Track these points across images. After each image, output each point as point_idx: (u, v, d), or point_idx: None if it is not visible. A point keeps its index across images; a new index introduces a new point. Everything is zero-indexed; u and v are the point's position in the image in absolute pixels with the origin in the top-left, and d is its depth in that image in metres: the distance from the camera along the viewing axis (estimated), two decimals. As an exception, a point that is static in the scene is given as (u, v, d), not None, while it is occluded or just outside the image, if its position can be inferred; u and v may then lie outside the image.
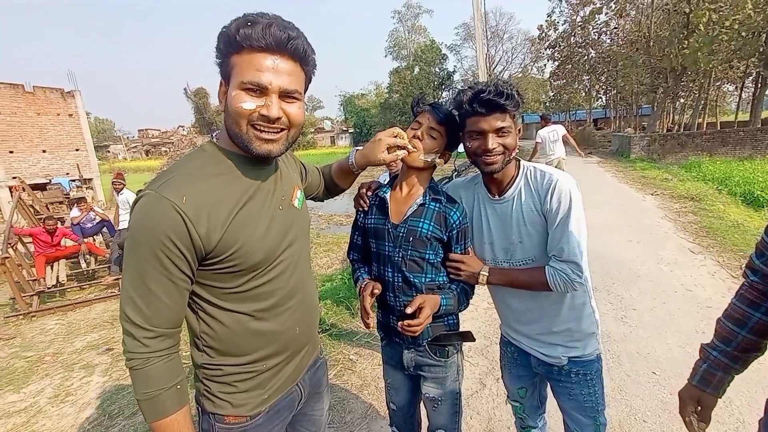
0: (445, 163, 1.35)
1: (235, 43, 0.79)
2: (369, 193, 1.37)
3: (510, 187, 1.23)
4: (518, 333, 1.38)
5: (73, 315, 5.01)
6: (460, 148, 4.37)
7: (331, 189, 1.36)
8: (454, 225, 1.26)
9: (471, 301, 1.39)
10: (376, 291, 1.27)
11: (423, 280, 1.28)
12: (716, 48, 13.18)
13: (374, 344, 3.15)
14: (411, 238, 1.25)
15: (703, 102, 18.09)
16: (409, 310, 1.17)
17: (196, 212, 0.79)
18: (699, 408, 0.97)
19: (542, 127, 7.13)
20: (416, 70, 36.76)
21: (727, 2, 13.25)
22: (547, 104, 33.90)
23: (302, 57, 0.85)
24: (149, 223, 0.77)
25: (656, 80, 18.11)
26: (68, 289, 5.92)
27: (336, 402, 2.47)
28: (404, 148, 1.19)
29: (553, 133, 6.93)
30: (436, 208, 1.27)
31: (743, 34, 12.58)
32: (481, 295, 3.92)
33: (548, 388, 1.48)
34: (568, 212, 1.14)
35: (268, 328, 0.94)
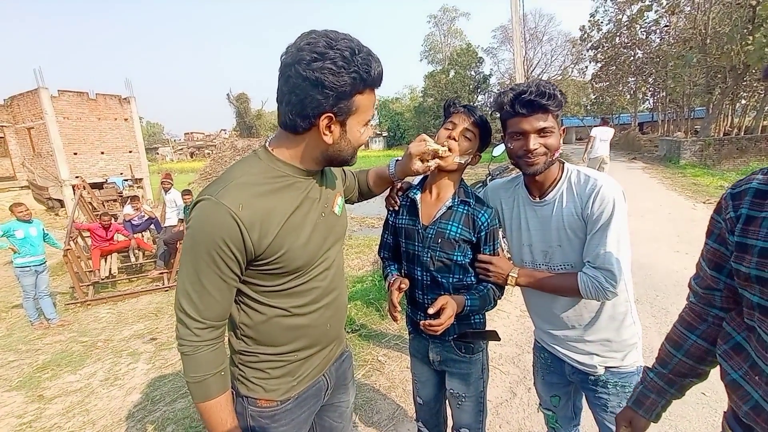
0: (475, 164, 1.35)
1: (364, 83, 0.85)
2: (399, 194, 1.41)
3: (552, 190, 1.21)
4: (553, 339, 1.34)
5: (123, 305, 5.40)
6: (495, 152, 4.28)
7: (365, 194, 1.40)
8: (482, 227, 1.28)
9: (504, 309, 1.39)
10: (404, 286, 1.30)
11: (450, 280, 1.30)
12: (787, 43, 12.01)
13: (403, 346, 3.14)
14: (439, 240, 1.28)
15: (769, 103, 16.53)
16: (431, 311, 1.18)
17: (250, 219, 0.84)
18: (630, 430, 0.96)
19: (598, 126, 8.55)
20: (451, 73, 36.42)
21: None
22: (588, 107, 32.49)
23: None
24: (207, 227, 0.84)
25: (713, 80, 16.81)
26: (119, 281, 6.38)
27: (364, 402, 2.50)
28: (436, 154, 1.20)
29: (605, 133, 8.27)
30: (465, 211, 1.29)
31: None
32: (514, 302, 3.81)
33: (584, 400, 1.42)
34: (609, 219, 1.10)
35: (302, 323, 1.00)
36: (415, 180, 1.47)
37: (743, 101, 19.62)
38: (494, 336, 1.34)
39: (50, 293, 4.93)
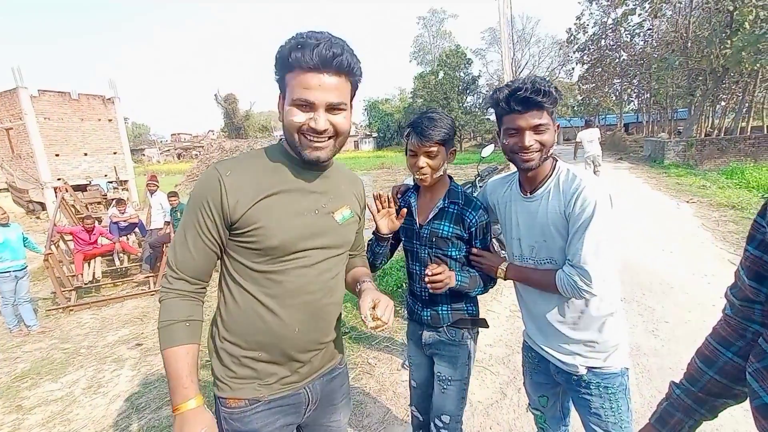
0: (452, 161, 1.44)
1: (288, 64, 0.91)
2: (398, 196, 1.55)
3: (541, 186, 1.23)
4: (539, 337, 1.35)
5: (107, 310, 5.27)
6: (484, 153, 4.31)
7: None
8: (471, 224, 1.38)
9: (493, 310, 1.45)
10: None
11: None
12: (763, 47, 12.40)
13: (393, 348, 3.13)
14: (434, 238, 1.40)
15: (747, 104, 17.03)
16: (429, 269, 1.24)
17: (233, 185, 0.93)
18: None
19: (583, 130, 9.07)
20: (441, 74, 36.61)
21: (774, -2, 12.48)
22: (575, 108, 33.06)
23: (348, 70, 0.93)
24: (199, 186, 0.96)
25: (694, 82, 17.25)
26: (103, 285, 6.23)
27: (354, 405, 2.47)
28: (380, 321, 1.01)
29: (590, 135, 8.82)
30: (455, 210, 1.39)
31: (793, 32, 11.80)
32: (503, 302, 3.83)
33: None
34: (590, 220, 1.11)
35: (267, 317, 0.99)
36: (408, 180, 1.50)
37: (723, 103, 20.19)
38: (483, 323, 1.48)
39: (30, 299, 4.78)
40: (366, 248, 1.42)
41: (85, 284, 5.86)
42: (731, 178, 9.94)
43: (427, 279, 1.25)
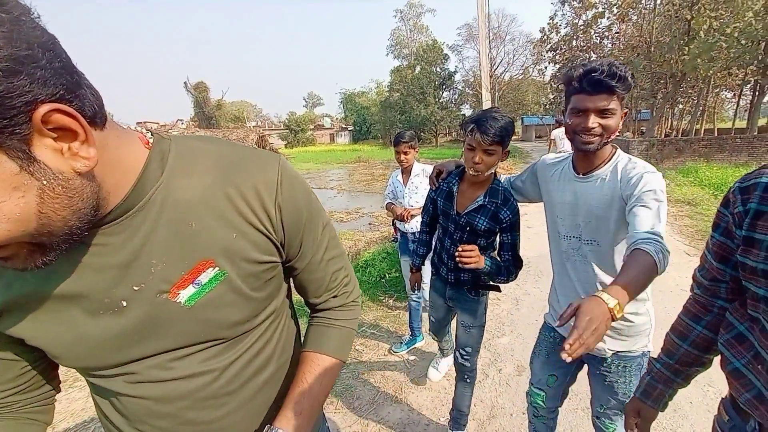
0: (504, 160, 1.53)
1: None
2: (440, 177, 1.69)
3: (596, 170, 1.23)
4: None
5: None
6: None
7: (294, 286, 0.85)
8: (504, 220, 1.54)
9: None
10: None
11: None
12: (716, 55, 13.33)
13: (379, 335, 3.23)
14: (468, 228, 1.58)
15: (701, 108, 18.26)
16: (459, 248, 1.44)
17: None
18: (638, 420, 0.98)
19: (555, 128, 9.53)
20: (417, 69, 36.73)
21: (728, 10, 13.40)
22: (547, 107, 34.13)
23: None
24: None
25: (656, 85, 18.27)
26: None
27: (343, 389, 2.55)
28: None
29: (562, 133, 9.42)
30: (492, 208, 1.54)
31: (742, 42, 12.74)
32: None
33: (574, 384, 1.54)
34: (655, 195, 1.09)
35: None
36: (397, 175, 1.56)
37: (680, 106, 21.49)
38: (497, 288, 1.75)
39: None
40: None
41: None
42: (687, 177, 10.68)
43: (456, 254, 1.43)
